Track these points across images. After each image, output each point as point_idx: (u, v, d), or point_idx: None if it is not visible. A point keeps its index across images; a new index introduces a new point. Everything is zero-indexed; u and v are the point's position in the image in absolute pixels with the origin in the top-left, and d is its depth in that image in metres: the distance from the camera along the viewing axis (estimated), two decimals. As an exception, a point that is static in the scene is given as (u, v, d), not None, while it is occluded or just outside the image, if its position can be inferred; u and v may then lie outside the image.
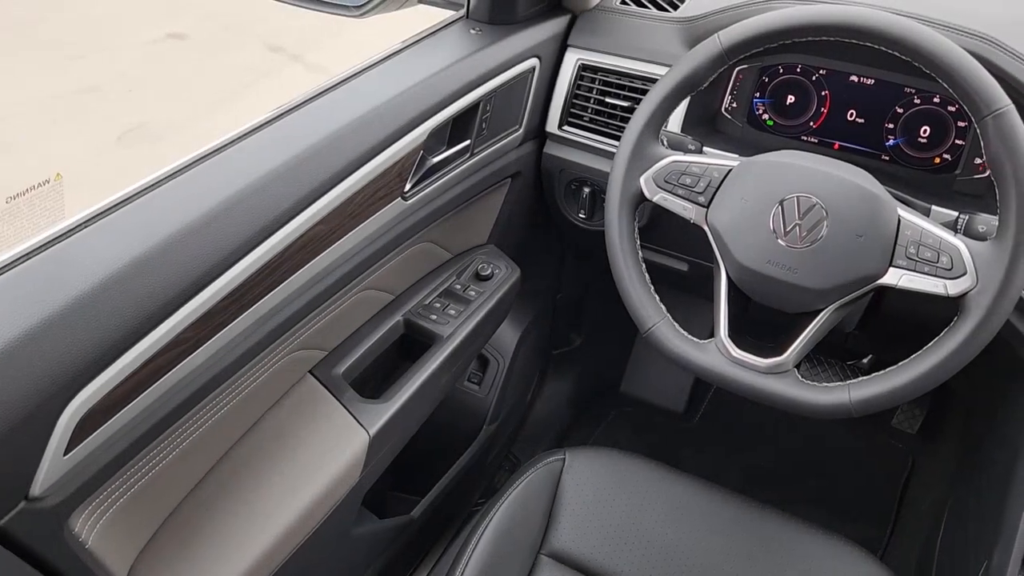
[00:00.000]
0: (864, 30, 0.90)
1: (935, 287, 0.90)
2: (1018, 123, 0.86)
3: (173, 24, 4.63)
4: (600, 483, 1.21)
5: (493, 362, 1.56)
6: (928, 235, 0.91)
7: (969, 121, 1.12)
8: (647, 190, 1.02)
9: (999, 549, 1.09)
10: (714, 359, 1.00)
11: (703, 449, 1.91)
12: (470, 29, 1.20)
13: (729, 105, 1.28)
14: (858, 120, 1.21)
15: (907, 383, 0.92)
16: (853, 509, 1.76)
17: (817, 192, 0.94)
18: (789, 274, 0.95)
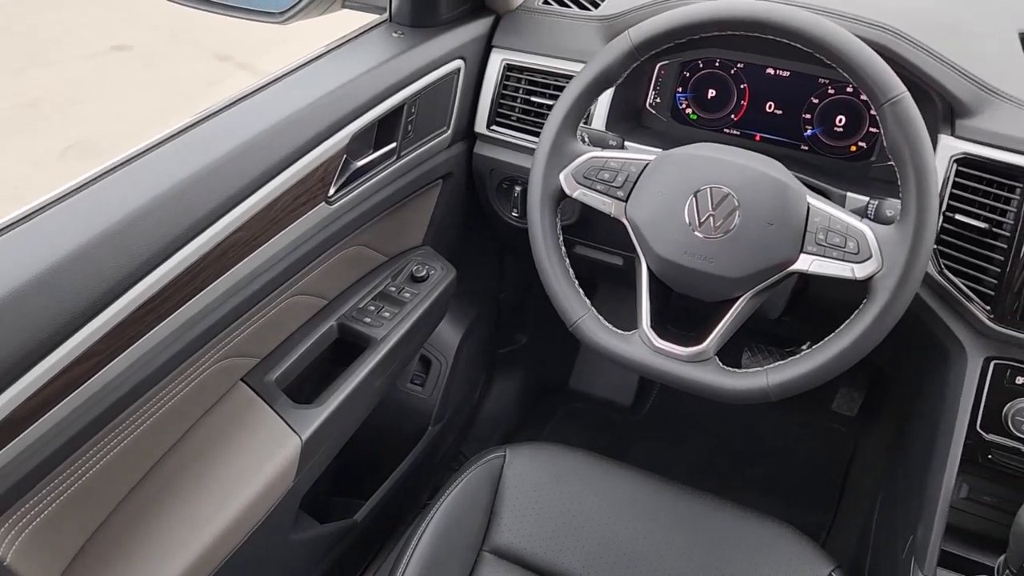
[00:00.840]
0: (764, 23, 0.92)
1: (843, 271, 0.93)
2: (914, 110, 0.89)
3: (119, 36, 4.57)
4: (541, 478, 1.23)
5: (436, 363, 1.57)
6: (836, 221, 0.94)
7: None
8: (567, 186, 1.04)
9: (922, 523, 1.13)
10: (637, 350, 1.02)
11: (651, 441, 1.93)
12: (392, 32, 1.21)
13: (653, 101, 1.31)
14: (777, 112, 1.24)
15: (821, 365, 0.95)
16: (799, 493, 1.80)
17: (729, 183, 0.96)
18: (706, 264, 0.97)
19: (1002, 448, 1.11)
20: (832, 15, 1.08)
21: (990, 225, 1.04)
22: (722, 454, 1.90)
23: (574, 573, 1.14)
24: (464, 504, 1.20)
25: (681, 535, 1.18)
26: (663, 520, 1.19)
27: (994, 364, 1.09)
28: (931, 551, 1.10)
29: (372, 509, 1.40)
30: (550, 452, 1.28)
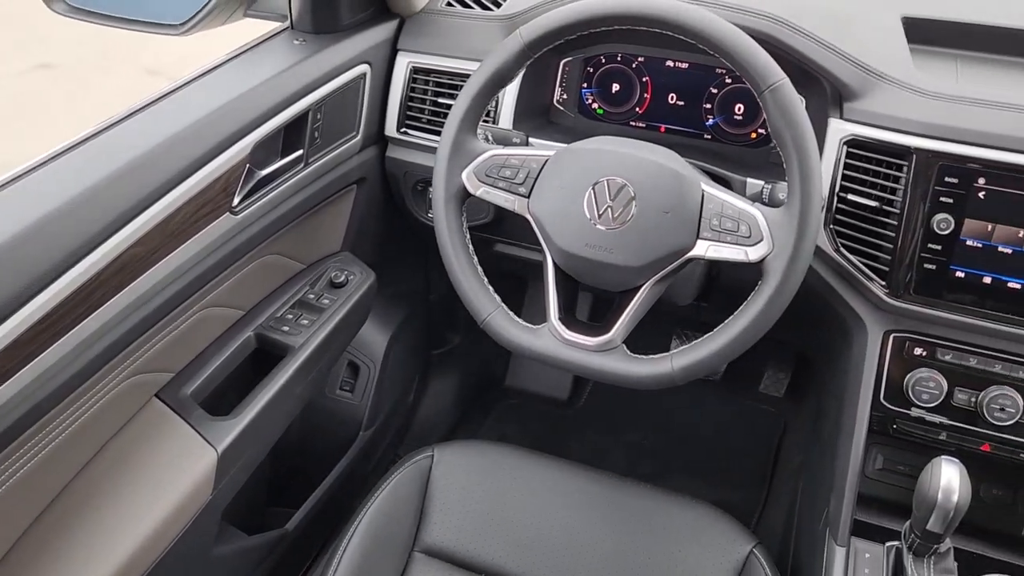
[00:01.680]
0: (646, 17, 0.94)
1: (737, 254, 0.95)
2: (793, 95, 0.92)
3: (43, 54, 4.46)
4: (470, 476, 1.24)
5: (364, 368, 1.57)
6: (729, 206, 0.97)
7: None
8: (469, 185, 1.05)
9: (835, 495, 1.16)
10: (547, 343, 1.03)
11: (589, 432, 1.95)
12: (294, 39, 1.21)
13: (560, 97, 1.32)
14: (679, 103, 1.27)
15: (721, 347, 0.97)
16: (733, 474, 1.83)
17: (625, 174, 0.98)
18: (607, 255, 0.99)
19: (906, 418, 1.15)
20: (717, 6, 1.11)
21: (881, 203, 1.08)
22: (658, 441, 1.93)
23: (504, 567, 1.16)
24: (392, 506, 1.20)
25: (607, 523, 1.20)
26: (590, 509, 1.21)
27: (893, 337, 1.13)
28: (843, 521, 1.14)
29: (304, 518, 1.39)
30: (478, 449, 1.29)
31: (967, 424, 1.12)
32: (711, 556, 1.16)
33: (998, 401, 1.09)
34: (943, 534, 0.96)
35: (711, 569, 1.14)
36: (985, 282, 1.05)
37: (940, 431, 1.14)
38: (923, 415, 1.13)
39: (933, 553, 1.01)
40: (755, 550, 1.15)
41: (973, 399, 1.10)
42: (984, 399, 1.10)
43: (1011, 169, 1.01)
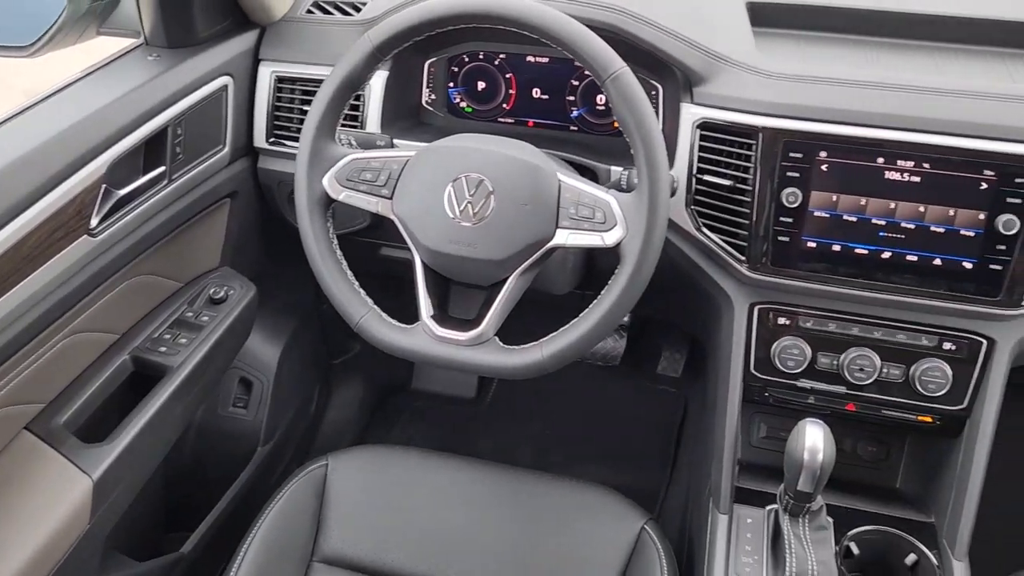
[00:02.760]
0: (488, 15, 0.96)
1: (595, 240, 0.98)
2: (633, 83, 0.95)
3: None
4: (367, 481, 1.24)
5: (257, 383, 1.55)
6: (585, 195, 0.99)
7: None
8: (331, 190, 1.05)
9: (715, 465, 1.21)
10: (420, 341, 1.04)
11: (497, 428, 1.97)
12: (148, 55, 1.19)
13: (429, 98, 1.34)
14: (543, 97, 1.30)
15: (587, 331, 1.00)
16: (640, 456, 1.88)
17: (483, 170, 1.00)
18: (471, 250, 1.00)
19: (776, 385, 1.20)
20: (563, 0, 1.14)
21: (735, 182, 1.12)
22: (564, 431, 1.96)
23: (406, 570, 1.16)
24: (287, 518, 1.19)
25: (505, 515, 1.21)
26: (488, 504, 1.23)
27: (758, 309, 1.18)
28: (724, 489, 1.18)
29: (202, 539, 1.37)
30: (375, 454, 1.29)
31: (832, 386, 1.17)
32: (605, 536, 1.19)
33: (857, 362, 1.15)
34: (813, 493, 1.01)
35: (605, 548, 1.17)
36: (835, 250, 1.11)
37: (808, 395, 1.19)
38: (791, 381, 1.18)
39: (807, 512, 1.06)
40: (647, 526, 1.19)
41: (835, 362, 1.16)
42: (845, 361, 1.15)
43: (848, 141, 1.07)
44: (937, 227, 1.07)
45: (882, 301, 1.12)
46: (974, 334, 1.12)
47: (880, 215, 1.08)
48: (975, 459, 1.13)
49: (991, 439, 1.13)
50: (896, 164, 1.06)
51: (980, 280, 1.07)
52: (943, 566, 1.12)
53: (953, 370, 1.13)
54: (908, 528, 1.17)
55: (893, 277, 1.10)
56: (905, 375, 1.15)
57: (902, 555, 1.15)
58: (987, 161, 1.03)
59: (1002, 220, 1.04)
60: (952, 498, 1.15)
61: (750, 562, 1.12)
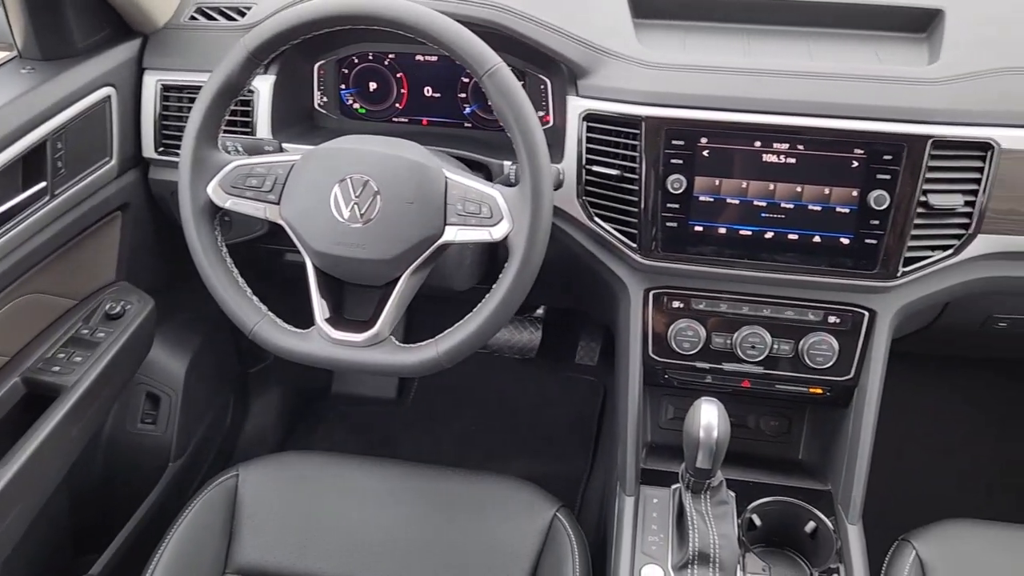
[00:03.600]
0: (362, 16, 0.96)
1: (483, 235, 1.00)
2: (510, 78, 0.97)
3: None
4: (281, 489, 1.23)
5: (165, 398, 1.52)
6: (471, 191, 1.00)
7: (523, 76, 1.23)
8: (216, 198, 1.04)
9: (620, 448, 1.24)
10: (316, 345, 1.04)
11: (419, 428, 1.98)
12: (21, 68, 1.16)
13: (321, 101, 1.33)
14: (436, 95, 1.30)
15: (481, 325, 1.01)
16: (561, 447, 1.90)
17: (367, 170, 1.00)
18: (360, 251, 1.01)
19: (675, 367, 1.23)
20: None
21: (623, 171, 1.14)
22: (487, 426, 1.97)
23: (322, 574, 1.16)
24: (196, 533, 1.18)
25: (419, 513, 1.22)
26: (402, 503, 1.23)
27: (652, 294, 1.21)
28: (629, 472, 1.21)
29: (111, 560, 1.34)
30: (288, 461, 1.29)
31: (726, 365, 1.21)
32: (517, 526, 1.20)
33: (749, 340, 1.19)
34: (712, 469, 1.04)
35: (518, 538, 1.19)
36: (721, 233, 1.14)
37: (705, 375, 1.23)
38: (688, 362, 1.22)
39: (707, 488, 1.09)
40: (559, 514, 1.20)
41: (728, 341, 1.20)
42: (737, 339, 1.19)
43: (727, 127, 1.10)
44: (815, 206, 1.11)
45: (769, 280, 1.16)
46: (856, 307, 1.17)
47: (761, 197, 1.12)
48: (863, 427, 1.18)
49: (877, 407, 1.18)
50: (772, 147, 1.10)
51: (858, 254, 1.12)
52: (839, 531, 1.16)
53: (839, 342, 1.17)
54: (807, 497, 1.21)
55: (777, 256, 1.14)
56: (795, 350, 1.19)
57: (802, 523, 1.19)
58: (857, 140, 1.08)
59: (873, 196, 1.08)
60: (845, 465, 1.20)
61: (656, 540, 1.15)
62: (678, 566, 1.10)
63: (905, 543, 1.15)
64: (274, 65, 1.23)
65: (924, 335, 1.33)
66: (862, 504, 1.18)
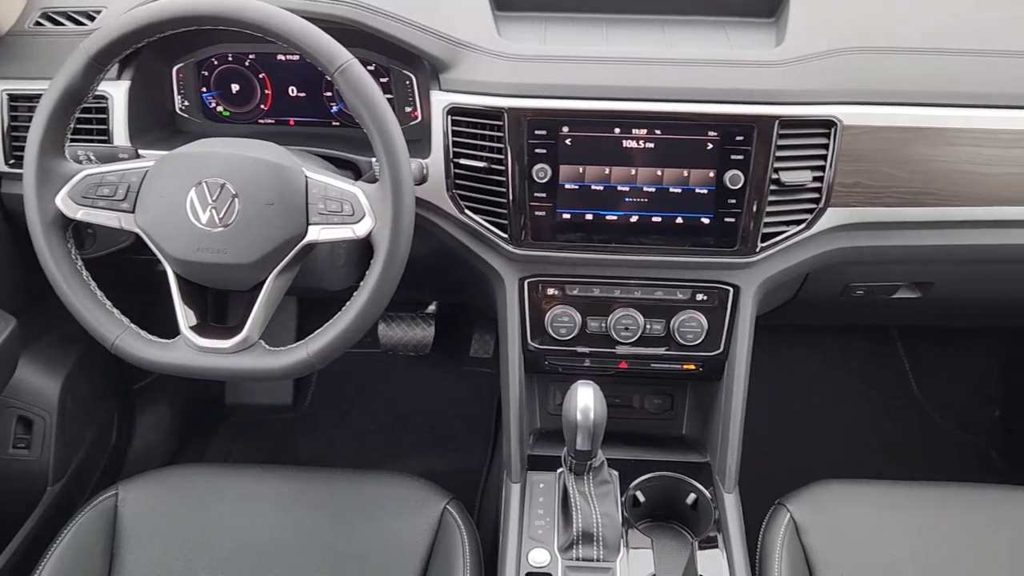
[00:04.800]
0: (207, 16, 0.94)
1: (346, 233, 0.99)
2: (361, 74, 0.96)
3: None
4: (164, 506, 1.20)
5: (39, 421, 1.46)
6: (332, 189, 1.00)
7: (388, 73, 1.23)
8: (67, 209, 1.00)
9: (504, 438, 1.25)
10: (181, 354, 1.02)
11: (318, 431, 1.96)
12: None
13: (183, 104, 1.30)
14: (301, 95, 1.29)
15: (350, 324, 1.01)
16: (461, 441, 1.91)
17: (223, 174, 0.99)
18: (221, 256, 0.99)
19: (554, 353, 1.25)
20: None
21: (490, 163, 1.15)
22: (386, 425, 1.97)
23: None
24: (74, 557, 1.14)
25: (309, 518, 1.21)
26: (292, 509, 1.21)
27: (527, 282, 1.22)
28: (514, 459, 1.23)
29: (-14, 593, 1.29)
30: (171, 476, 1.25)
31: (603, 348, 1.24)
32: (409, 522, 1.20)
33: (622, 322, 1.22)
34: (592, 450, 1.07)
35: (409, 534, 1.19)
36: (588, 219, 1.17)
37: (583, 359, 1.25)
38: (566, 347, 1.24)
39: (589, 469, 1.12)
40: (449, 506, 1.21)
41: (603, 324, 1.23)
42: (611, 322, 1.22)
43: (586, 115, 1.12)
44: (675, 188, 1.14)
45: (637, 263, 1.19)
46: (721, 283, 1.21)
47: (624, 182, 1.14)
48: (734, 398, 1.23)
49: (746, 378, 1.23)
50: (632, 133, 1.13)
51: (718, 233, 1.16)
52: (717, 500, 1.21)
53: (707, 319, 1.22)
54: (688, 470, 1.26)
55: (643, 239, 1.17)
56: (666, 329, 1.22)
57: (683, 496, 1.23)
58: (710, 123, 1.11)
59: (729, 176, 1.12)
60: (719, 437, 1.24)
61: (543, 524, 1.17)
62: (563, 547, 1.12)
63: (780, 507, 1.20)
64: (128, 69, 1.19)
65: (790, 307, 1.39)
66: (737, 473, 1.22)
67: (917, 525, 1.19)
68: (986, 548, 1.16)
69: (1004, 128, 1.14)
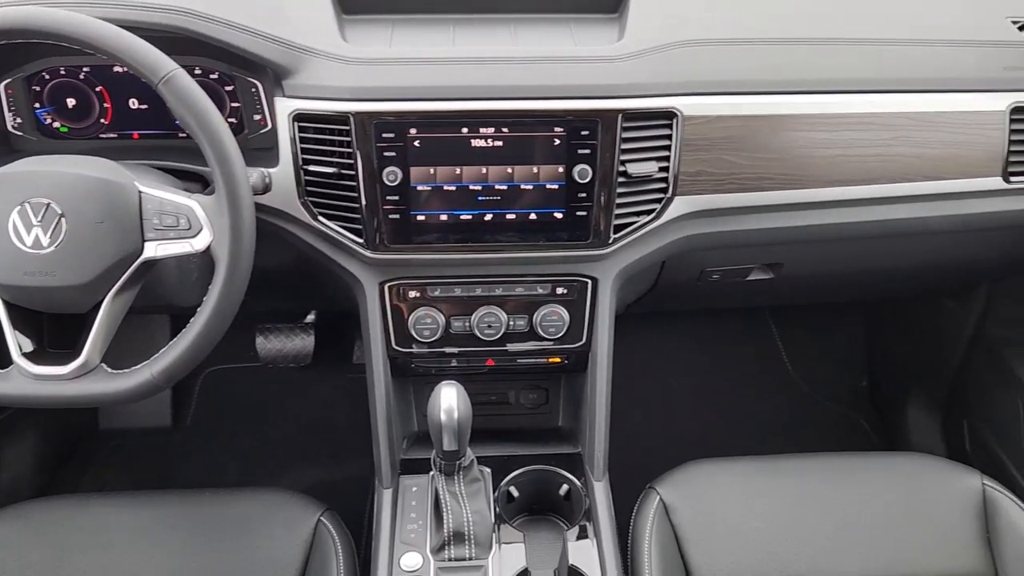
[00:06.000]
0: (20, 30, 0.90)
1: (184, 248, 0.97)
2: (187, 83, 0.94)
3: None
4: (20, 544, 1.15)
5: None
6: (167, 203, 0.97)
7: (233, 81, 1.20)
8: None
9: (374, 443, 1.25)
10: (16, 384, 0.97)
11: (202, 451, 1.90)
12: None
13: (15, 122, 1.23)
14: (143, 107, 1.24)
15: (195, 341, 0.98)
16: (350, 450, 1.88)
17: (47, 193, 0.94)
18: (49, 279, 0.95)
19: (419, 356, 1.25)
20: (119, 5, 1.08)
21: (340, 168, 1.14)
22: (272, 441, 1.93)
23: None
24: None
25: (179, 542, 1.17)
26: (158, 535, 1.18)
27: (388, 286, 1.22)
28: (383, 465, 1.24)
29: None
30: (28, 512, 1.20)
31: (468, 347, 1.24)
32: (282, 537, 1.18)
33: (485, 320, 1.22)
34: (460, 449, 1.07)
35: (282, 550, 1.17)
36: (443, 219, 1.17)
37: (450, 359, 1.26)
38: (432, 349, 1.24)
39: (459, 468, 1.12)
40: (323, 518, 1.19)
41: (466, 324, 1.23)
42: (475, 321, 1.23)
43: (433, 116, 1.12)
44: (526, 185, 1.16)
45: (496, 260, 1.20)
46: (579, 276, 1.23)
47: (475, 181, 1.15)
48: (598, 388, 1.25)
49: (609, 368, 1.26)
50: (480, 132, 1.13)
51: (571, 227, 1.18)
52: (588, 489, 1.23)
53: (568, 311, 1.24)
54: (561, 462, 1.27)
55: (499, 236, 1.18)
56: (529, 324, 1.24)
57: (556, 487, 1.25)
58: (556, 119, 1.13)
59: (577, 170, 1.14)
60: (587, 426, 1.27)
61: (415, 528, 1.16)
62: (435, 548, 1.12)
63: (651, 490, 1.23)
64: None
65: (654, 295, 1.42)
66: (605, 461, 1.25)
67: (780, 495, 1.24)
68: (844, 510, 1.21)
69: (833, 112, 1.19)
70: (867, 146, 1.21)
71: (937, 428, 1.85)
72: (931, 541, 1.19)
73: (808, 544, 1.18)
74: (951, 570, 1.17)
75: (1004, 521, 1.19)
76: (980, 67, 1.25)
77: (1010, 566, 1.16)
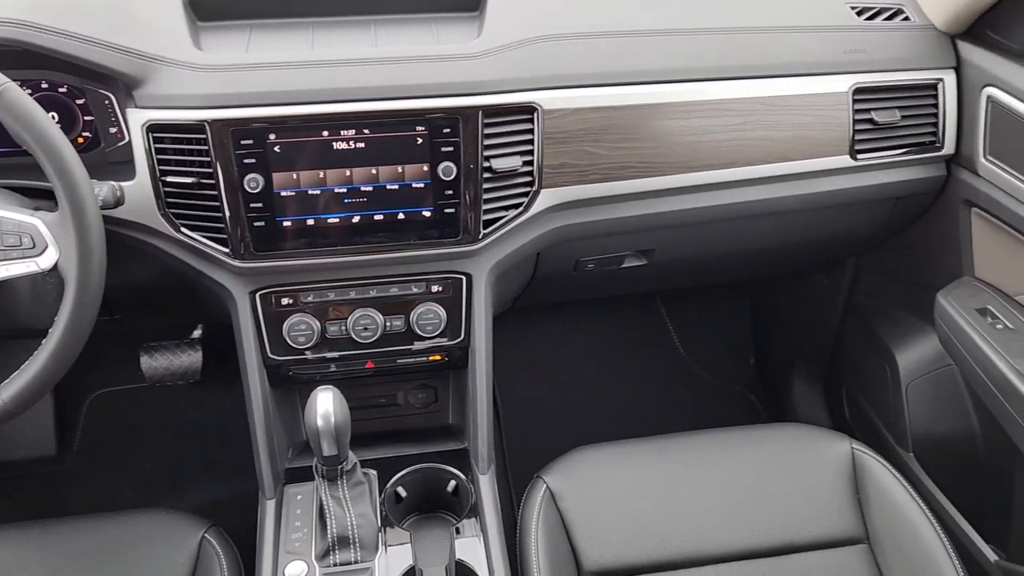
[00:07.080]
0: None
1: (29, 268, 0.94)
2: (19, 97, 0.91)
3: None
4: None
5: None
6: (7, 222, 0.94)
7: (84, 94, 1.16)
8: None
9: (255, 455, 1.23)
10: None
11: (93, 478, 1.84)
12: None
13: None
14: None
15: (45, 365, 0.95)
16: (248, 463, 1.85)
17: None
18: None
19: (296, 363, 1.24)
20: None
21: (199, 178, 1.12)
22: (168, 458, 1.88)
23: None
24: None
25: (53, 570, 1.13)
26: (31, 566, 1.13)
27: (259, 295, 1.20)
28: (264, 476, 1.23)
29: None
30: None
31: (346, 351, 1.24)
32: (164, 558, 1.16)
33: (361, 322, 1.22)
34: (340, 454, 1.06)
35: (166, 570, 1.14)
36: (310, 224, 1.16)
37: (329, 364, 1.25)
38: (307, 355, 1.23)
39: (342, 473, 1.11)
40: (207, 535, 1.17)
41: (342, 327, 1.22)
42: (351, 324, 1.22)
43: (292, 121, 1.11)
44: (392, 185, 1.16)
45: (367, 262, 1.20)
46: (453, 273, 1.24)
47: (340, 184, 1.15)
48: (479, 382, 1.26)
49: (489, 362, 1.27)
50: (341, 135, 1.13)
51: (440, 225, 1.19)
52: (474, 483, 1.24)
53: (445, 309, 1.24)
54: (449, 459, 1.28)
55: (369, 238, 1.18)
56: (406, 324, 1.24)
57: (444, 484, 1.25)
58: (416, 118, 1.14)
59: (442, 168, 1.15)
60: (471, 421, 1.28)
61: (300, 536, 1.15)
62: (320, 555, 1.12)
63: (538, 479, 1.25)
64: None
65: (533, 288, 1.45)
66: (490, 454, 1.26)
67: (664, 475, 1.27)
68: (724, 485, 1.26)
69: (686, 100, 1.24)
70: (721, 131, 1.26)
71: (820, 398, 1.93)
72: (808, 508, 1.24)
73: (691, 520, 1.22)
74: (829, 534, 1.22)
75: (871, 482, 1.26)
76: (824, 52, 1.31)
77: (878, 523, 1.22)
